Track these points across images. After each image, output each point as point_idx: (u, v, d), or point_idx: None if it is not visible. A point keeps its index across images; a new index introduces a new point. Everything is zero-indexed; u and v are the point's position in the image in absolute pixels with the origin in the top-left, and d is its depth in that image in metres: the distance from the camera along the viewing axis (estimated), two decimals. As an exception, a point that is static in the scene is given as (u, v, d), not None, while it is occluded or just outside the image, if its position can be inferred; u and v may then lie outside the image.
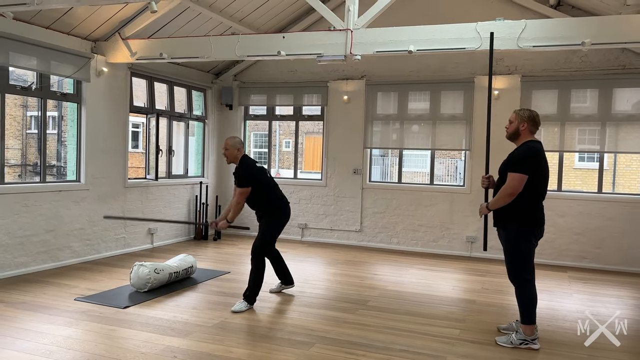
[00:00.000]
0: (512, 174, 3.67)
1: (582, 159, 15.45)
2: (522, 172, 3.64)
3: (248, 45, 5.87)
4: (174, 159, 8.02)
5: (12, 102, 15.25)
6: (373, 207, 8.06)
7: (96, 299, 4.76)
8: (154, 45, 6.30)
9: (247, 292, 4.65)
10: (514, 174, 3.66)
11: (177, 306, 4.67)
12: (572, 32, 4.79)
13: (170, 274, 5.23)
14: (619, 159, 13.81)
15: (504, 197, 3.71)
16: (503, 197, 3.71)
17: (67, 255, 6.18)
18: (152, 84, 7.53)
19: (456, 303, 5.08)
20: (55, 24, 5.87)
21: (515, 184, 3.65)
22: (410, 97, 7.88)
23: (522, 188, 3.65)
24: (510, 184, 3.67)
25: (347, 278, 5.96)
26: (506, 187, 3.69)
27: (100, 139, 6.58)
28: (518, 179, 3.64)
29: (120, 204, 6.91)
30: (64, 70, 6.06)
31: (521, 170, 3.64)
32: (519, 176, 3.64)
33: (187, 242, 8.02)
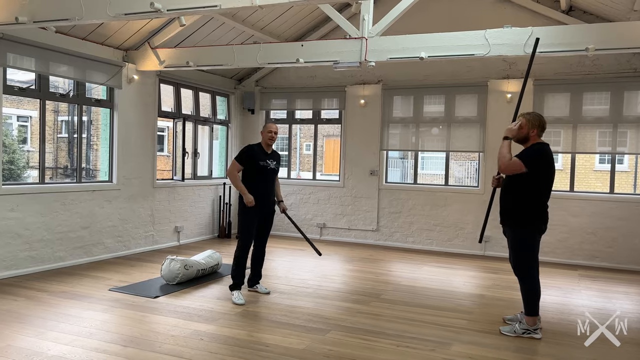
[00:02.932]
0: (516, 158, 3.89)
1: (603, 160, 15.42)
2: (523, 162, 3.86)
3: (269, 53, 6.23)
4: (199, 161, 8.43)
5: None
6: (389, 208, 8.33)
7: (129, 290, 5.16)
8: (181, 54, 6.70)
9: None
10: (517, 159, 3.88)
11: (203, 297, 5.03)
12: (578, 39, 5.01)
13: (198, 270, 5.60)
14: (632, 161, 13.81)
15: (499, 155, 3.98)
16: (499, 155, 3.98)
17: (101, 250, 6.62)
18: (179, 90, 7.95)
19: (466, 297, 5.32)
20: (91, 35, 6.32)
21: (513, 165, 3.89)
22: (425, 100, 8.14)
23: (512, 173, 3.93)
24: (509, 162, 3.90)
25: (363, 274, 6.25)
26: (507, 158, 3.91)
27: (131, 142, 7.01)
28: (518, 164, 3.87)
29: (149, 203, 7.33)
30: (98, 78, 6.50)
31: (523, 160, 3.86)
32: (519, 162, 3.87)
33: (211, 240, 8.40)
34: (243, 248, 5.01)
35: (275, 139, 5.08)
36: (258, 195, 4.98)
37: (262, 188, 5.04)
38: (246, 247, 5.03)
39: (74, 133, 14.33)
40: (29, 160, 13.71)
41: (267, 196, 5.09)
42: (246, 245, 5.02)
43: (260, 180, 5.04)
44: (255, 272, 5.29)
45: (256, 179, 5.02)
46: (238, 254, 5.02)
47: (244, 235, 5.02)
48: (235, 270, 5.02)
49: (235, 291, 4.97)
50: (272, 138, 5.06)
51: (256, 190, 4.98)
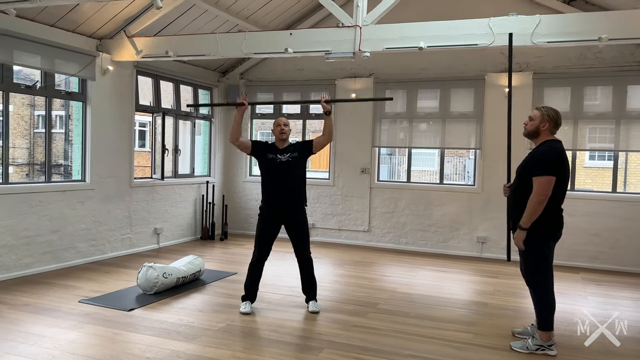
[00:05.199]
0: (538, 177, 3.44)
1: (593, 157, 15.23)
2: (549, 174, 3.45)
3: (255, 43, 5.77)
4: (180, 158, 7.94)
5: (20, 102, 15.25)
6: (381, 207, 7.94)
7: (101, 301, 4.69)
8: (160, 43, 6.21)
9: None
10: (541, 177, 3.44)
11: (183, 308, 4.59)
12: (589, 28, 4.65)
13: (178, 279, 5.15)
14: (631, 158, 13.59)
15: (535, 205, 3.44)
16: (534, 206, 3.44)
17: (72, 255, 6.12)
18: (158, 83, 7.45)
19: (467, 306, 4.96)
20: (60, 22, 5.80)
21: (544, 187, 3.43)
22: (419, 95, 7.76)
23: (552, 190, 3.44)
24: (539, 190, 3.43)
25: (356, 280, 5.85)
26: (536, 193, 3.44)
27: (106, 138, 6.51)
28: (546, 182, 3.43)
29: (126, 203, 6.84)
30: (69, 68, 5.98)
31: (548, 172, 3.45)
32: (547, 179, 3.44)
33: (193, 242, 7.94)
34: (252, 258, 4.58)
35: (286, 131, 4.51)
36: (268, 195, 4.50)
37: (271, 187, 4.47)
38: (256, 258, 4.54)
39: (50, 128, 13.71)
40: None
41: (281, 196, 4.43)
42: (255, 256, 4.55)
43: (270, 179, 4.47)
44: (303, 285, 4.70)
45: (265, 176, 4.52)
46: (250, 264, 4.60)
47: (255, 243, 4.58)
48: (246, 281, 4.60)
49: (243, 302, 4.57)
50: (282, 132, 4.47)
51: (265, 189, 4.51)
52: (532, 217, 3.48)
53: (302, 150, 4.55)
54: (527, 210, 3.49)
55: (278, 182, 4.47)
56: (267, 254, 4.59)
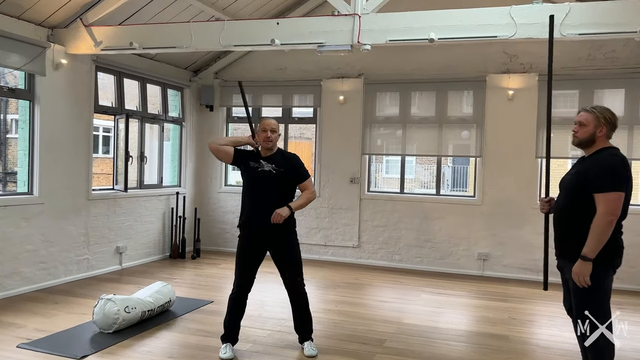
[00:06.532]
0: (606, 194, 2.77)
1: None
2: (618, 190, 2.79)
3: (235, 34, 4.98)
4: (147, 167, 7.02)
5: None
6: (372, 220, 7.21)
7: (45, 345, 3.78)
8: (123, 33, 5.35)
9: None
10: (608, 193, 2.78)
11: (150, 353, 3.73)
12: (628, 18, 4.02)
13: (143, 312, 4.27)
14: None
15: (603, 228, 2.77)
16: (603, 228, 2.77)
17: (16, 283, 5.15)
18: (122, 81, 6.55)
19: (487, 340, 4.24)
20: (2, 6, 4.88)
21: (614, 205, 2.75)
22: (413, 98, 7.09)
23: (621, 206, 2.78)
24: (607, 209, 2.75)
25: (352, 307, 5.08)
26: (605, 213, 2.76)
27: (59, 144, 5.59)
28: (615, 198, 2.76)
29: (83, 219, 5.91)
30: (13, 61, 5.05)
31: (616, 187, 2.79)
32: (616, 195, 2.77)
33: (161, 262, 7.02)
34: (233, 289, 3.78)
35: (272, 138, 3.68)
36: (245, 211, 3.72)
37: (250, 202, 3.68)
38: (237, 290, 3.74)
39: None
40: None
41: (260, 213, 3.61)
42: (236, 287, 3.75)
43: (249, 190, 3.70)
44: (295, 323, 3.91)
45: (246, 187, 3.74)
46: (230, 296, 3.81)
47: (235, 271, 3.78)
48: (225, 317, 3.81)
49: (223, 344, 3.74)
50: (267, 139, 3.65)
51: (243, 203, 3.74)
52: (601, 243, 2.79)
53: (290, 170, 3.74)
54: (593, 237, 2.79)
55: (258, 195, 3.66)
56: (249, 285, 3.78)
